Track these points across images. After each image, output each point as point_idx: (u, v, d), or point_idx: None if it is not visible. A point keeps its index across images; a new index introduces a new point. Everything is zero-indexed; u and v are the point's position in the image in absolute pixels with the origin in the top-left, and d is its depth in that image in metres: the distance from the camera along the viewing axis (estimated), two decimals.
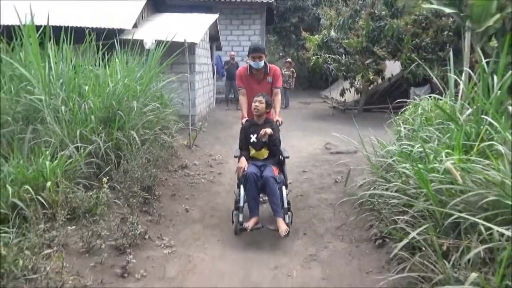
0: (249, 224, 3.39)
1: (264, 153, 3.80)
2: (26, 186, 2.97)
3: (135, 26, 8.00)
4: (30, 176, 3.11)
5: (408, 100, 5.07)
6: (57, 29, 4.67)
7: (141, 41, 6.67)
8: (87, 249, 2.90)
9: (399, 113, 5.04)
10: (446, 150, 2.76)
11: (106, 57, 5.17)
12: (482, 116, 3.01)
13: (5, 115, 3.90)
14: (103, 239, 2.97)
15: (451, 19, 9.30)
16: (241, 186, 3.60)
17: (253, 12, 15.22)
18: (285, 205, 3.54)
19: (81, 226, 3.08)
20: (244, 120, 3.99)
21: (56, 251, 2.64)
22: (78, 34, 5.07)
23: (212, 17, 9.86)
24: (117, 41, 5.58)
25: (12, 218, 2.82)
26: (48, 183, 3.06)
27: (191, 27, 8.48)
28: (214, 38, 11.54)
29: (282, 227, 3.33)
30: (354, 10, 11.31)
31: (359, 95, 12.12)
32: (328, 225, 3.79)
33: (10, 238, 2.61)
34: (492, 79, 3.45)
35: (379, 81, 11.57)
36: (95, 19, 7.50)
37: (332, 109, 12.25)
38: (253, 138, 3.78)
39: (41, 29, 4.31)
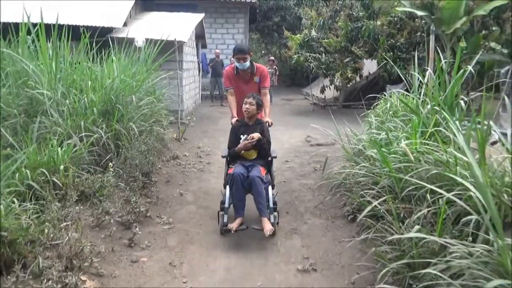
0: (234, 225, 3.41)
1: (253, 153, 3.84)
2: (42, 169, 3.35)
3: (124, 24, 8.32)
4: (43, 161, 3.48)
5: (378, 96, 5.62)
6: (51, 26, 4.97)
7: (132, 39, 7.03)
8: (97, 224, 3.31)
9: (372, 107, 5.59)
10: (405, 134, 3.28)
11: (100, 54, 5.51)
12: (436, 108, 3.55)
13: (9, 109, 4.24)
14: (111, 215, 3.38)
15: (423, 21, 9.96)
16: (227, 187, 3.61)
17: (237, 11, 15.64)
18: (271, 205, 3.54)
19: (90, 205, 3.48)
20: (234, 120, 4.04)
21: (73, 223, 3.03)
22: (71, 32, 5.37)
23: (198, 16, 10.25)
24: (111, 40, 5.93)
25: (28, 198, 3.20)
26: (61, 167, 3.44)
27: (179, 26, 8.86)
28: (199, 36, 11.91)
29: (267, 227, 3.38)
30: (333, 11, 11.89)
31: (338, 92, 12.72)
32: (307, 205, 4.29)
33: (28, 214, 2.99)
34: (450, 77, 4.01)
35: (357, 78, 12.19)
36: (87, 17, 7.80)
37: (313, 105, 12.79)
38: (243, 138, 3.78)
39: (36, 27, 4.61)
